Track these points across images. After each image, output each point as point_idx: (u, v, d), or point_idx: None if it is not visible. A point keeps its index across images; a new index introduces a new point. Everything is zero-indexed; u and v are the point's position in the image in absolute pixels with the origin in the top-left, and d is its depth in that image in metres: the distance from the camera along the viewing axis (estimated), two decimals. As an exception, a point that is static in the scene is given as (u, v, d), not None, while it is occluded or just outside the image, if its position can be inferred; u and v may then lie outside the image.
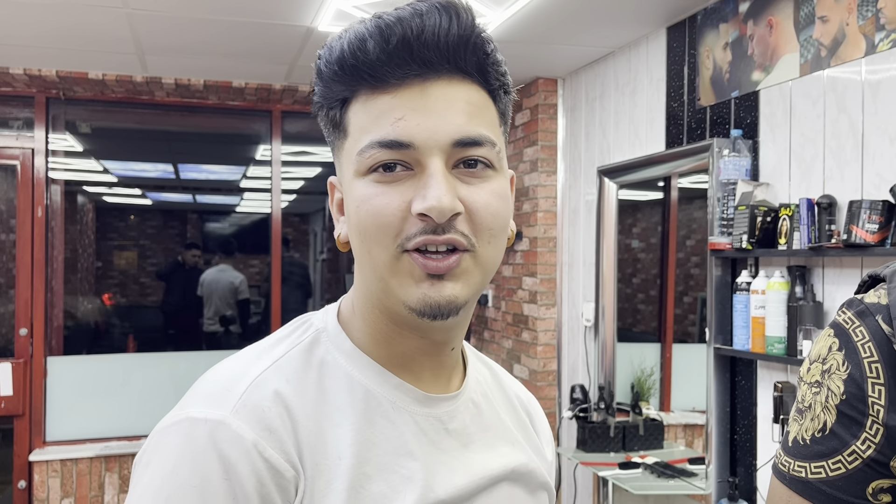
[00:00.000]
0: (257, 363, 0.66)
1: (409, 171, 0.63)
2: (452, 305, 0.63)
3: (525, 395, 0.86)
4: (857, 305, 0.74)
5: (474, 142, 0.64)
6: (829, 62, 2.25)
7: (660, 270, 3.67)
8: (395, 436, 0.67)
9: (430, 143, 0.62)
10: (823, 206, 2.18)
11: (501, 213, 0.66)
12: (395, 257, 0.63)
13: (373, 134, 0.63)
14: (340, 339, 0.70)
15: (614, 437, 3.22)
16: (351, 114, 0.65)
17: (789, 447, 0.75)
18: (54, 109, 4.13)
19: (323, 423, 0.65)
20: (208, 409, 0.61)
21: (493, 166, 0.66)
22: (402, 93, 0.63)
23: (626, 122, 3.32)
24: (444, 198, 0.61)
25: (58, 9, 2.90)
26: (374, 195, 0.63)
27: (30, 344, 3.99)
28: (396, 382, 0.69)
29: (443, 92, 0.63)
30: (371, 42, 0.62)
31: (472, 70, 0.65)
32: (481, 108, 0.66)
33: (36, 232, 4.02)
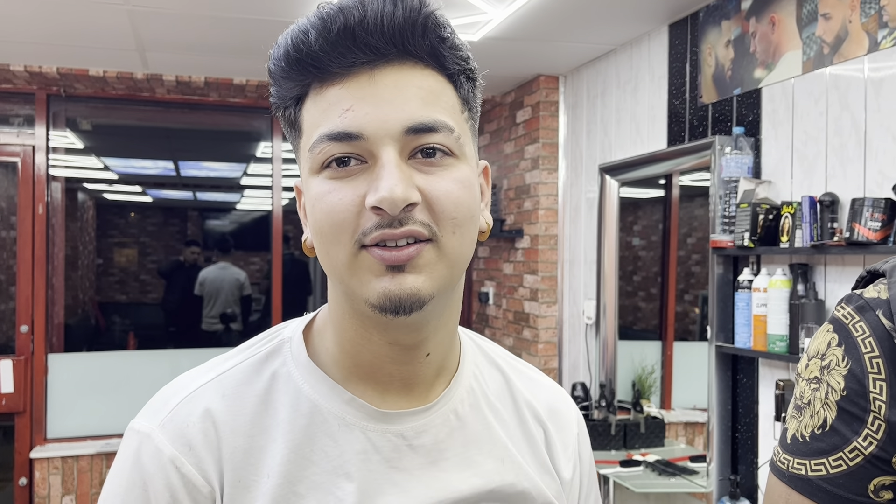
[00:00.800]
0: (202, 377, 0.67)
1: (364, 165, 0.60)
2: (415, 298, 0.60)
3: (548, 404, 0.78)
4: (857, 300, 0.73)
5: (428, 128, 0.60)
6: (832, 60, 2.24)
7: (661, 268, 3.67)
8: (336, 454, 0.64)
9: (381, 132, 0.59)
10: (826, 204, 2.18)
11: (464, 201, 0.62)
12: (353, 254, 0.60)
13: (322, 128, 0.61)
14: (298, 350, 0.68)
15: (615, 435, 3.22)
16: (304, 111, 0.63)
17: (788, 444, 0.74)
18: (55, 106, 4.12)
19: (257, 439, 0.64)
20: (144, 420, 0.65)
21: (452, 153, 0.62)
22: (350, 82, 0.60)
23: (627, 120, 3.31)
24: (396, 188, 0.58)
25: (59, 5, 2.89)
26: (327, 192, 0.61)
27: (31, 341, 3.99)
28: (348, 398, 0.66)
29: (392, 78, 0.60)
30: (313, 33, 0.60)
31: (424, 54, 0.62)
32: (436, 94, 0.62)
33: (37, 229, 4.01)
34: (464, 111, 0.65)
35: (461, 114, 0.65)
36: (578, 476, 0.78)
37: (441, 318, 0.67)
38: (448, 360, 0.71)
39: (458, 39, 0.64)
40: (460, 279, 0.66)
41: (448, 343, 0.70)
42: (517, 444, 0.73)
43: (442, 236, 0.61)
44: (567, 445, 0.77)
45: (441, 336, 0.68)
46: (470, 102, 0.66)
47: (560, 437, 0.77)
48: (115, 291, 8.03)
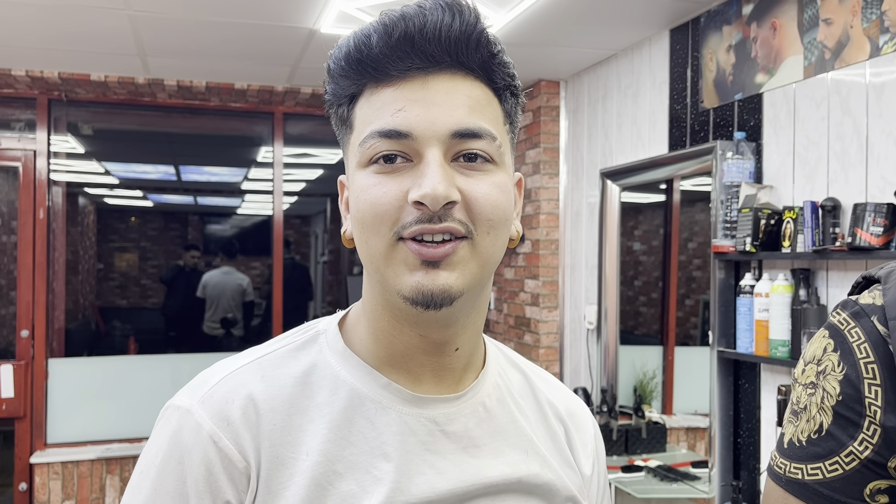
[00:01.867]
0: (241, 360, 0.70)
1: (409, 163, 0.64)
2: (446, 294, 0.63)
3: (566, 406, 0.82)
4: (852, 306, 0.74)
5: (473, 134, 0.64)
6: (834, 64, 2.24)
7: (662, 273, 3.67)
8: (374, 436, 0.67)
9: (429, 133, 0.63)
10: (828, 209, 2.18)
11: (501, 204, 0.66)
12: (391, 245, 0.63)
13: (374, 125, 0.64)
14: (335, 340, 0.72)
15: (617, 441, 3.21)
16: (357, 109, 0.67)
17: (785, 449, 0.75)
18: (56, 111, 4.13)
19: (295, 419, 0.67)
20: (184, 397, 0.68)
21: (493, 160, 0.66)
22: (404, 85, 0.64)
23: (628, 125, 3.31)
24: (438, 185, 0.61)
25: (60, 10, 2.90)
26: (372, 185, 0.64)
27: (31, 346, 3.99)
28: (384, 382, 0.69)
29: (444, 85, 0.65)
30: (375, 37, 0.64)
31: (475, 66, 0.66)
32: (483, 104, 0.66)
33: (37, 234, 4.01)
34: (506, 123, 0.70)
35: (503, 125, 0.69)
36: (597, 474, 0.81)
37: (469, 316, 0.70)
38: (475, 356, 0.75)
39: (507, 57, 0.69)
40: (489, 280, 0.70)
41: (475, 340, 0.74)
42: (541, 438, 0.76)
43: (477, 235, 0.64)
44: (586, 444, 0.81)
45: (469, 333, 0.72)
46: (512, 116, 0.71)
47: (579, 435, 0.81)
48: (116, 296, 8.04)
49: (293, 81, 3.97)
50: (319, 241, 7.55)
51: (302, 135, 4.64)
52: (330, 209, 6.84)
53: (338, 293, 6.18)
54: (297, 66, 3.65)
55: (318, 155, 5.13)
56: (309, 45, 3.29)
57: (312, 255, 7.84)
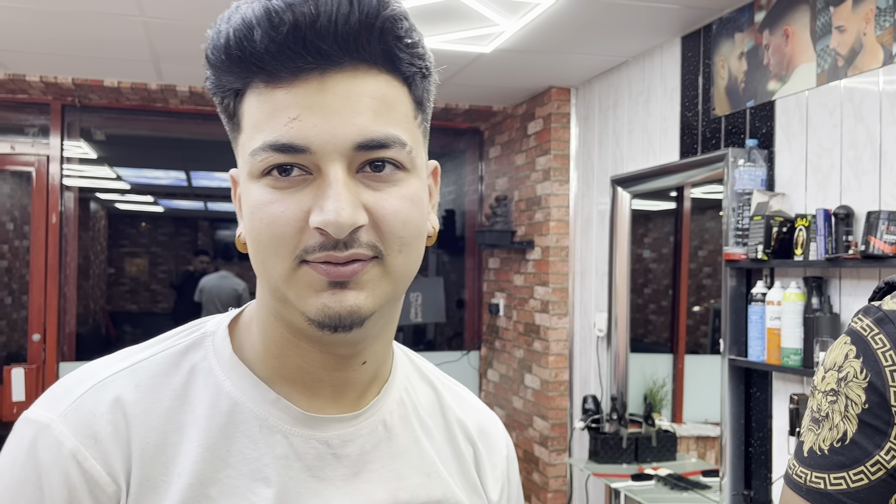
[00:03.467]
0: (114, 365, 0.62)
1: (308, 175, 0.56)
2: (355, 316, 0.57)
3: (478, 424, 0.76)
4: (875, 312, 0.72)
5: (379, 144, 0.57)
6: (847, 72, 2.24)
7: (672, 281, 3.65)
8: (255, 457, 0.61)
9: (329, 147, 0.55)
10: (840, 217, 2.17)
11: (413, 219, 0.59)
12: (293, 269, 0.57)
13: (266, 134, 0.56)
14: (223, 345, 0.64)
15: (627, 449, 3.20)
16: (245, 106, 0.59)
17: (805, 457, 0.73)
18: (70, 117, 4.16)
19: (170, 436, 0.60)
20: (42, 410, 0.60)
21: (403, 167, 0.59)
22: (298, 88, 0.56)
23: (639, 132, 3.31)
24: (343, 211, 0.54)
25: (74, 17, 2.92)
26: (268, 202, 0.57)
27: (42, 350, 4.01)
28: (272, 398, 0.62)
29: (344, 87, 0.56)
30: (258, 31, 0.55)
31: (379, 59, 0.57)
32: (390, 103, 0.58)
33: (50, 238, 4.04)
34: (417, 115, 0.62)
35: (414, 119, 0.61)
36: (506, 499, 0.76)
37: (381, 330, 0.64)
38: (383, 368, 0.68)
39: (416, 35, 0.59)
40: (404, 291, 0.64)
41: (385, 351, 0.68)
42: (445, 461, 0.70)
43: (388, 255, 0.58)
44: (496, 466, 0.75)
45: (379, 345, 0.66)
46: (424, 103, 0.62)
47: (489, 457, 0.75)
48: (126, 301, 8.07)
49: (304, 88, 3.98)
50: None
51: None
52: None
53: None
54: (309, 72, 3.66)
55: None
56: (320, 52, 3.30)
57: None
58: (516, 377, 4.19)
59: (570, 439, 3.77)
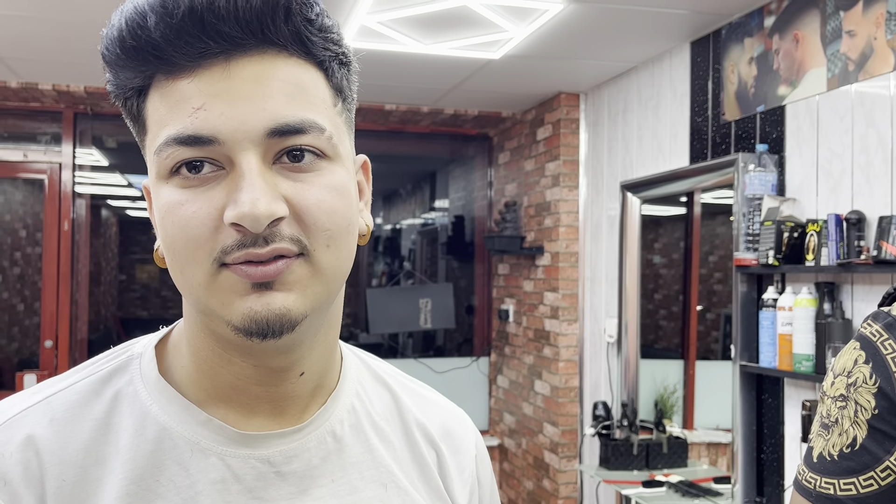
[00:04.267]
0: (26, 400, 0.58)
1: (220, 170, 0.52)
2: (285, 320, 0.52)
3: (441, 425, 0.71)
4: (885, 318, 0.72)
5: (295, 129, 0.52)
6: (857, 76, 2.23)
7: (682, 286, 3.64)
8: (186, 485, 0.56)
9: (239, 135, 0.51)
10: (852, 222, 2.15)
11: (339, 209, 0.55)
12: (212, 274, 0.52)
13: (170, 128, 0.52)
14: (149, 367, 0.59)
15: (637, 455, 3.18)
16: (149, 104, 0.54)
17: (814, 463, 0.73)
18: (82, 124, 4.19)
19: (91, 471, 0.55)
20: None
21: (324, 155, 0.54)
22: (202, 75, 0.51)
23: (649, 137, 3.30)
24: (258, 202, 0.50)
25: (86, 26, 2.95)
26: (179, 203, 0.52)
27: (54, 356, 4.03)
28: (203, 419, 0.58)
29: (252, 71, 0.52)
30: (152, 17, 0.50)
31: (289, 42, 0.53)
32: (305, 87, 0.54)
33: (62, 245, 4.07)
34: (337, 103, 0.57)
35: (334, 107, 0.56)
36: (477, 501, 0.71)
37: (317, 334, 0.59)
38: (327, 377, 0.63)
39: (328, 20, 0.56)
40: (339, 291, 0.60)
41: (326, 359, 0.63)
42: (405, 469, 0.66)
43: (315, 251, 0.53)
44: (463, 469, 0.70)
45: (318, 353, 0.61)
46: (344, 91, 0.58)
47: (455, 459, 0.70)
48: (137, 307, 8.10)
49: (314, 95, 4.00)
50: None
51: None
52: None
53: (356, 305, 6.18)
54: (318, 79, 3.67)
55: (337, 168, 5.16)
56: (330, 59, 3.31)
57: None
58: (526, 383, 4.18)
59: (581, 446, 3.76)
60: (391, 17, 2.76)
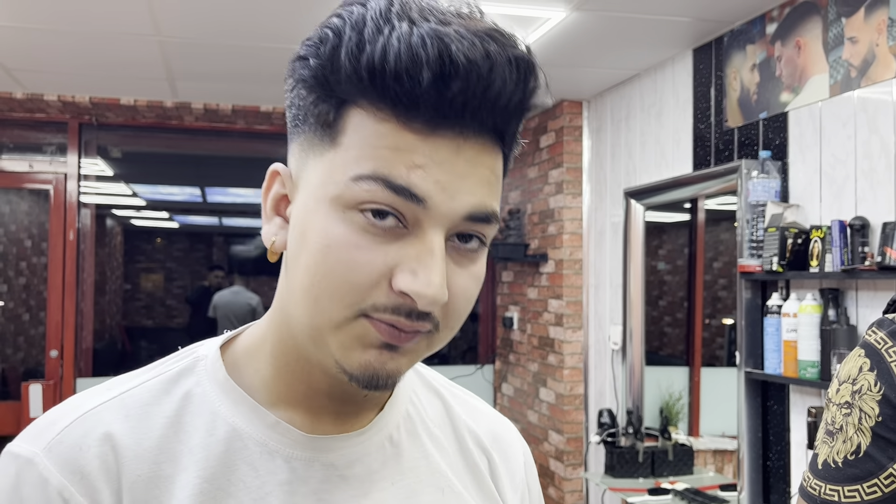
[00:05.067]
0: (101, 395, 0.59)
1: (402, 230, 0.52)
2: (392, 380, 0.55)
3: (491, 432, 0.72)
4: (889, 325, 0.72)
5: (486, 218, 0.54)
6: (860, 83, 2.23)
7: (687, 293, 3.63)
8: (257, 486, 0.57)
9: (444, 208, 0.51)
10: (856, 228, 2.15)
11: (473, 297, 0.57)
12: (349, 319, 0.53)
13: (379, 166, 0.51)
14: (215, 368, 0.61)
15: (643, 463, 3.17)
16: (352, 121, 0.52)
17: (819, 470, 0.73)
18: (87, 135, 4.21)
19: (164, 467, 0.56)
20: (25, 443, 0.56)
21: (484, 244, 0.56)
22: (434, 141, 0.51)
23: (652, 144, 3.31)
24: (441, 289, 0.51)
25: (91, 37, 2.97)
26: (354, 245, 0.51)
27: (60, 365, 4.04)
28: (272, 421, 0.59)
29: (473, 154, 0.53)
30: (427, 74, 0.49)
31: (508, 139, 0.55)
32: (499, 179, 0.56)
33: (67, 255, 4.08)
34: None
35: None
36: None
37: None
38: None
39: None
40: None
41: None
42: (459, 474, 0.67)
43: (441, 330, 0.56)
44: (514, 474, 0.72)
45: None
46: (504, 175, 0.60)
47: (506, 465, 0.71)
48: (142, 316, 8.12)
49: (318, 104, 4.01)
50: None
51: (326, 156, 4.68)
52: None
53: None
54: (322, 88, 3.69)
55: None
56: (333, 68, 3.33)
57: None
58: (531, 391, 4.18)
59: (586, 453, 3.75)
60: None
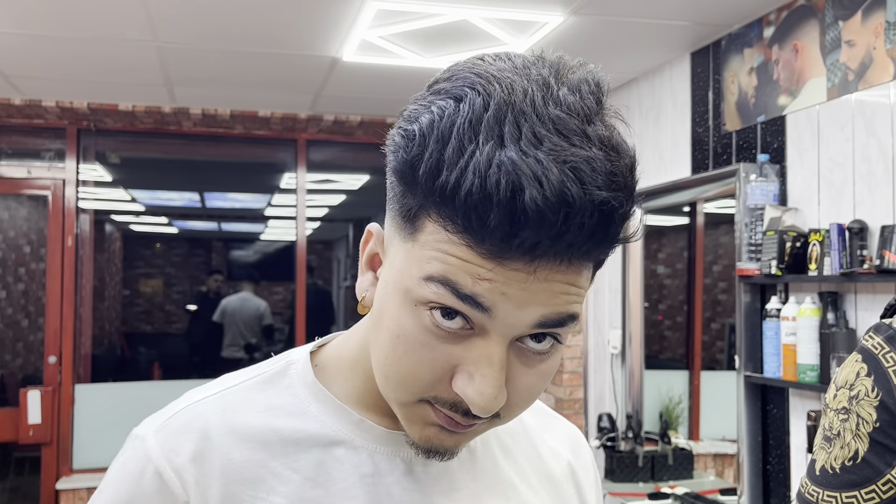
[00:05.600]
0: (206, 391, 0.66)
1: (468, 330, 0.53)
2: (451, 454, 0.60)
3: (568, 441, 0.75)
4: (886, 330, 0.72)
5: (559, 323, 0.54)
6: (857, 86, 2.23)
7: (686, 297, 3.63)
8: (342, 477, 0.62)
9: (510, 319, 0.52)
10: (854, 231, 2.15)
11: (538, 392, 0.58)
12: (414, 403, 0.57)
13: (446, 270, 0.51)
14: (305, 371, 0.66)
15: (643, 467, 3.16)
16: (428, 225, 0.53)
17: (817, 476, 0.73)
18: (85, 140, 4.21)
19: (256, 455, 0.62)
20: (142, 426, 0.65)
21: (560, 341, 0.56)
22: (502, 264, 0.51)
23: (650, 148, 3.31)
24: (493, 401, 0.53)
25: (89, 43, 2.97)
26: (420, 343, 0.54)
27: (58, 372, 4.03)
28: (356, 419, 0.64)
29: (546, 273, 0.51)
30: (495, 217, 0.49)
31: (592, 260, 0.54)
32: (582, 287, 0.54)
33: (66, 261, 4.07)
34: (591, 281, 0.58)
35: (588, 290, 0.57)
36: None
37: None
38: None
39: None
40: None
41: None
42: (530, 483, 0.70)
43: (503, 417, 0.58)
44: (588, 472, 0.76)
45: None
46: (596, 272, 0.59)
47: (583, 469, 0.75)
48: (141, 322, 8.11)
49: (316, 109, 4.02)
50: (342, 266, 7.58)
51: (324, 161, 4.68)
52: (352, 235, 6.87)
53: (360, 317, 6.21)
54: (320, 93, 3.69)
55: (340, 181, 5.17)
56: (331, 74, 3.33)
57: (335, 279, 7.87)
58: (530, 395, 4.17)
59: (586, 458, 3.74)
60: (392, 31, 2.77)
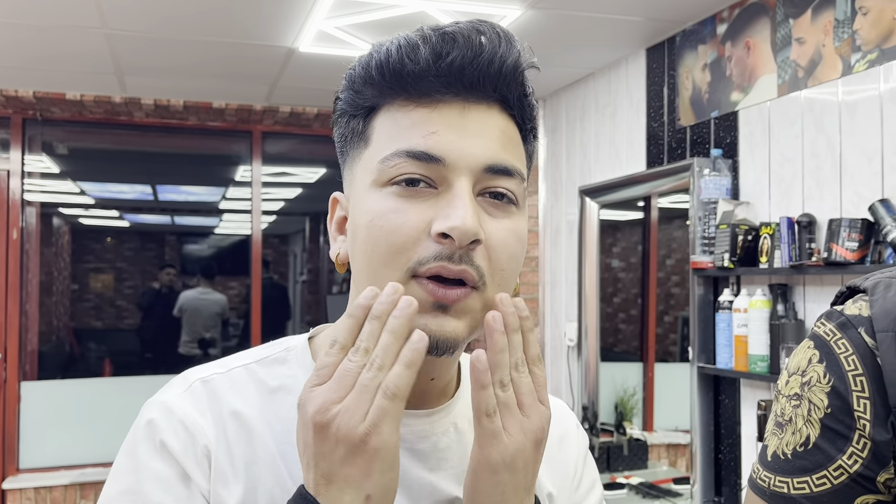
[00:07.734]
0: (216, 368, 0.70)
1: (433, 190, 0.60)
2: (451, 343, 0.60)
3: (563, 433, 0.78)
4: (838, 317, 0.72)
5: (506, 170, 0.62)
6: (807, 83, 2.28)
7: (640, 290, 3.68)
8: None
9: (462, 162, 0.60)
10: (803, 225, 2.20)
11: (516, 254, 0.63)
12: (403, 283, 0.59)
13: (401, 143, 0.60)
14: (303, 356, 0.70)
15: (599, 458, 3.20)
16: (377, 123, 0.63)
17: (769, 462, 0.73)
18: (31, 130, 4.07)
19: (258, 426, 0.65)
20: (161, 393, 0.68)
21: (516, 203, 0.63)
22: (442, 109, 0.61)
23: (606, 143, 3.34)
24: (469, 219, 0.58)
25: (36, 29, 2.87)
26: (391, 210, 0.60)
27: (3, 369, 3.91)
28: None
29: (481, 116, 0.62)
30: (425, 50, 0.60)
31: (512, 103, 0.64)
32: (514, 142, 0.64)
33: (10, 255, 3.95)
34: (526, 166, 0.67)
35: (525, 168, 0.66)
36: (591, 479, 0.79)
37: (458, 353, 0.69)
38: (451, 382, 0.72)
39: (534, 101, 0.67)
40: None
41: (451, 367, 0.70)
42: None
43: (488, 287, 0.61)
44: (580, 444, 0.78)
45: (447, 363, 0.68)
46: (531, 160, 0.68)
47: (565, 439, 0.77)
48: (91, 317, 7.90)
49: (271, 100, 3.96)
50: (298, 261, 7.50)
51: (280, 153, 4.62)
52: (308, 228, 6.80)
53: (317, 312, 6.13)
54: (276, 84, 3.64)
55: (296, 174, 5.11)
56: (287, 64, 3.28)
57: (291, 274, 7.79)
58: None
59: (543, 450, 3.77)
60: (349, 21, 2.74)
